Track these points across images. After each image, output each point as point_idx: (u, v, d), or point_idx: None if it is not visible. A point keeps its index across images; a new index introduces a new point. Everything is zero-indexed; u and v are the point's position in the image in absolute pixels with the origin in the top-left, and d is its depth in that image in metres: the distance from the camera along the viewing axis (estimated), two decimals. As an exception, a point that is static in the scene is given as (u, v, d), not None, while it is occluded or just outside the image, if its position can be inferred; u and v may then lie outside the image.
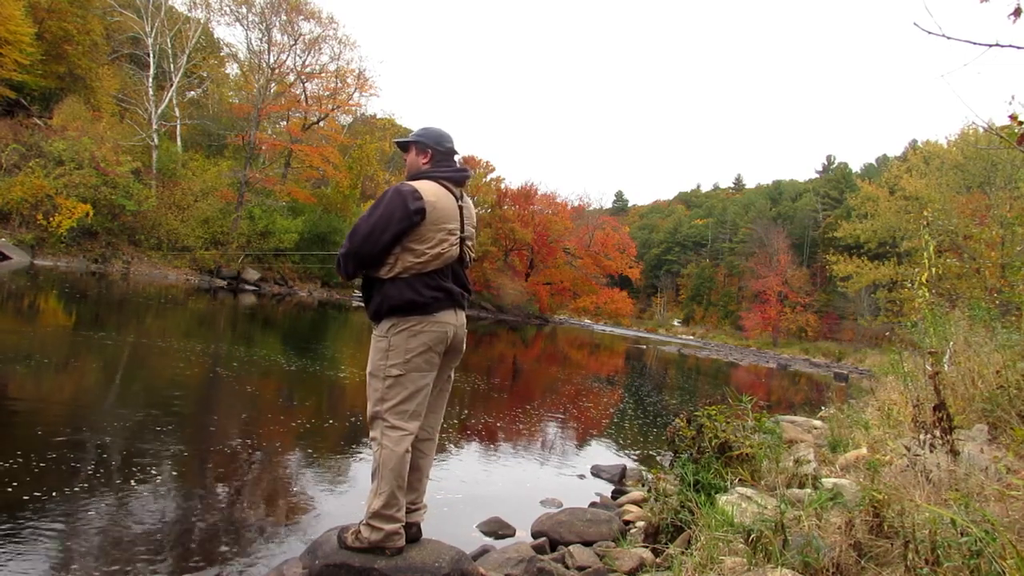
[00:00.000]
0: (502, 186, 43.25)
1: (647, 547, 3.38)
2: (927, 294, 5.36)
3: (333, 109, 33.38)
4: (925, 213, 7.60)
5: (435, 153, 2.78)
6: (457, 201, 2.75)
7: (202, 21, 29.87)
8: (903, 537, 2.21)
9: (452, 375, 2.90)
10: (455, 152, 2.84)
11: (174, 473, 3.91)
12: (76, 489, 3.37)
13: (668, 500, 3.55)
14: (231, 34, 70.63)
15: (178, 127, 29.09)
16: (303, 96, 32.76)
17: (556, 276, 43.34)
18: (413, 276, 2.60)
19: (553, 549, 3.49)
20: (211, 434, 4.93)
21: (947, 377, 4.54)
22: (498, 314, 37.65)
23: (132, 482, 3.61)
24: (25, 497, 3.17)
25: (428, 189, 2.65)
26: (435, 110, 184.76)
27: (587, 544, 3.48)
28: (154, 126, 26.21)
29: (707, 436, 4.08)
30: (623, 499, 4.60)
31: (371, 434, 2.64)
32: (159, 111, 26.83)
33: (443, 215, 2.65)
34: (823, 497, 2.86)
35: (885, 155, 67.14)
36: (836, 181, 67.08)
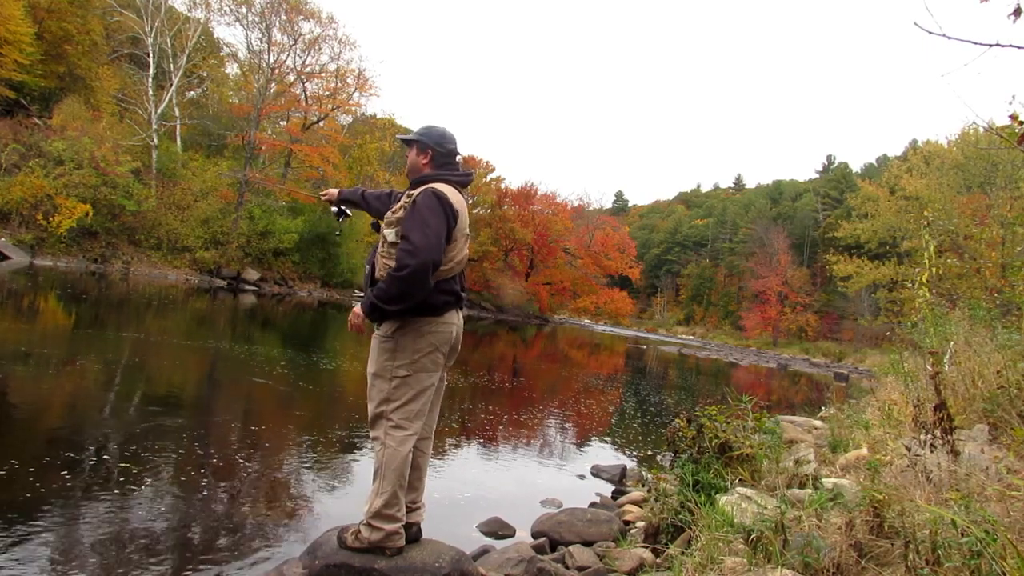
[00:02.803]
0: (502, 186, 43.30)
1: (647, 547, 3.38)
2: (927, 294, 5.35)
3: (333, 109, 33.37)
4: (925, 213, 7.59)
5: (435, 154, 2.73)
6: (466, 204, 2.75)
7: (202, 21, 29.87)
8: (904, 537, 2.21)
9: (446, 374, 2.90)
10: (457, 153, 2.78)
11: (174, 473, 3.91)
12: (76, 489, 3.37)
13: (668, 500, 3.55)
14: (231, 34, 70.56)
15: (178, 127, 29.07)
16: (303, 96, 32.74)
17: (556, 276, 43.35)
18: (436, 282, 2.57)
19: (553, 549, 3.49)
20: (211, 434, 4.92)
21: (947, 377, 4.54)
22: (498, 314, 37.64)
23: (132, 482, 3.61)
24: (25, 497, 3.17)
25: (450, 193, 2.61)
26: (435, 110, 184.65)
27: (587, 544, 3.48)
28: (154, 126, 26.21)
29: (707, 436, 4.08)
30: (623, 499, 4.60)
31: (373, 434, 2.63)
32: (159, 111, 26.82)
33: (464, 220, 2.66)
34: (823, 497, 2.86)
35: (885, 155, 67.13)
36: (836, 181, 67.01)
